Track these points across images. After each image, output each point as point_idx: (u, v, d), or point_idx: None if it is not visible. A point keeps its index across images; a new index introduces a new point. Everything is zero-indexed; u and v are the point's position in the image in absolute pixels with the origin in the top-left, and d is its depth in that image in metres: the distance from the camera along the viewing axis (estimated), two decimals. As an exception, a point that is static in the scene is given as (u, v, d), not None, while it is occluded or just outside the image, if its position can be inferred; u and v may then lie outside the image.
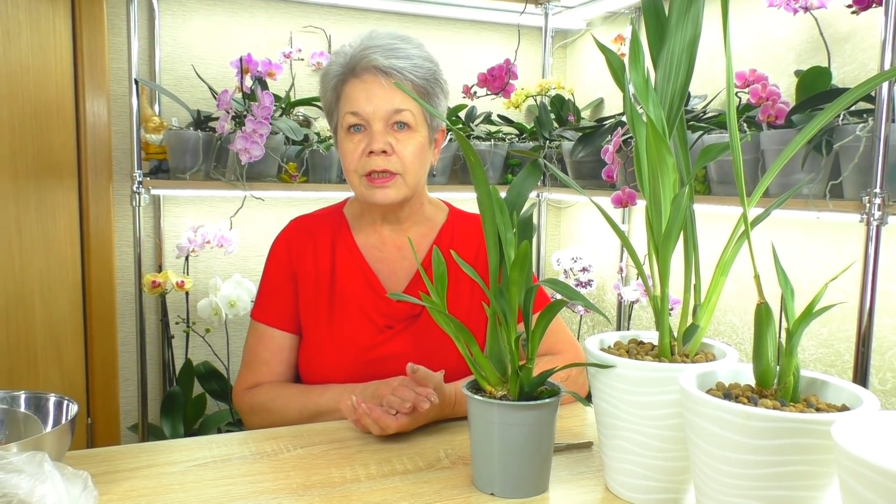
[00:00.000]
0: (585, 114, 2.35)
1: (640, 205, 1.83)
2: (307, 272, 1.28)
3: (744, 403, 0.70)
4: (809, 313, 0.72)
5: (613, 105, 2.32)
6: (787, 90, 1.64)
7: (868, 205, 1.26)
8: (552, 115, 2.24)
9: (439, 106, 1.26)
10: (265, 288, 1.30)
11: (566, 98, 2.27)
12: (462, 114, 2.26)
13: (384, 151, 1.17)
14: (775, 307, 0.72)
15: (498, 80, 2.06)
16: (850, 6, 1.37)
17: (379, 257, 1.28)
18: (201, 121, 1.97)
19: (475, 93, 2.13)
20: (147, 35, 2.08)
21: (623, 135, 1.73)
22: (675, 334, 0.87)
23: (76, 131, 1.97)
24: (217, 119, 1.89)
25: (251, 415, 1.25)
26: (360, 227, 1.30)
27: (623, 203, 1.64)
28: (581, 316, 2.38)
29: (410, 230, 1.29)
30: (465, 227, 1.32)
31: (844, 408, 0.72)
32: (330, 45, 2.26)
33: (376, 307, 1.25)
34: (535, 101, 2.29)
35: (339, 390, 1.16)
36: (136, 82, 1.91)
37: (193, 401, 2.04)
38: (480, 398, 0.87)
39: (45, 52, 1.86)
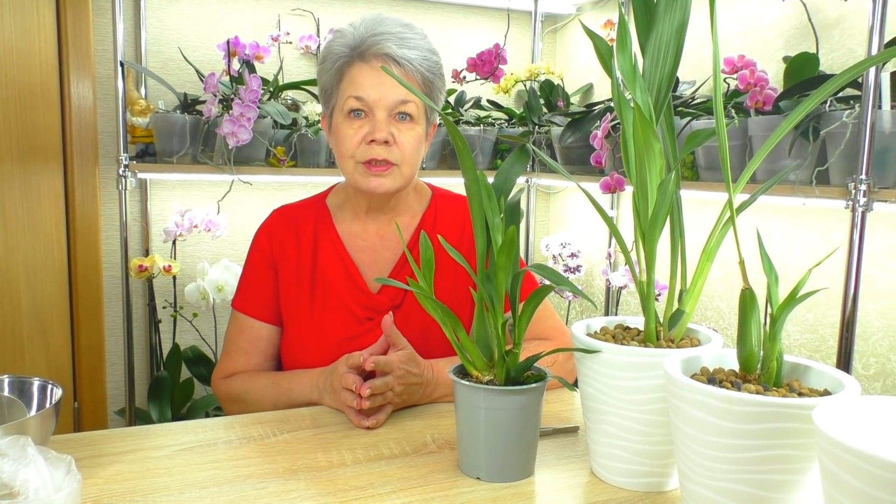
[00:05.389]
0: (575, 99, 2.34)
1: (629, 190, 1.83)
2: (289, 263, 1.27)
3: (727, 388, 0.70)
4: (793, 299, 0.72)
5: (603, 90, 2.31)
6: (775, 76, 1.64)
7: (854, 191, 1.27)
8: (541, 101, 2.23)
9: (440, 99, 1.25)
10: (246, 278, 1.30)
11: (555, 83, 2.27)
12: (451, 98, 2.25)
13: (386, 142, 1.16)
14: (762, 293, 0.72)
15: (487, 64, 2.05)
16: (838, -8, 1.37)
17: (361, 247, 1.28)
18: (188, 104, 1.95)
19: (464, 77, 2.12)
20: (132, 17, 2.06)
21: (612, 120, 1.72)
22: (662, 320, 0.87)
23: (61, 114, 1.95)
24: (204, 102, 1.87)
25: (228, 403, 1.26)
26: (343, 216, 1.30)
27: (611, 189, 1.65)
28: (570, 301, 2.38)
29: (394, 220, 1.29)
30: (447, 210, 1.31)
31: (826, 392, 0.72)
32: (319, 29, 2.24)
33: (357, 299, 1.24)
34: (525, 86, 2.29)
35: (306, 384, 1.16)
36: (122, 65, 1.88)
37: (181, 385, 2.03)
38: (467, 383, 0.87)
39: (29, 33, 1.84)
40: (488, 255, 0.88)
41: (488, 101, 2.35)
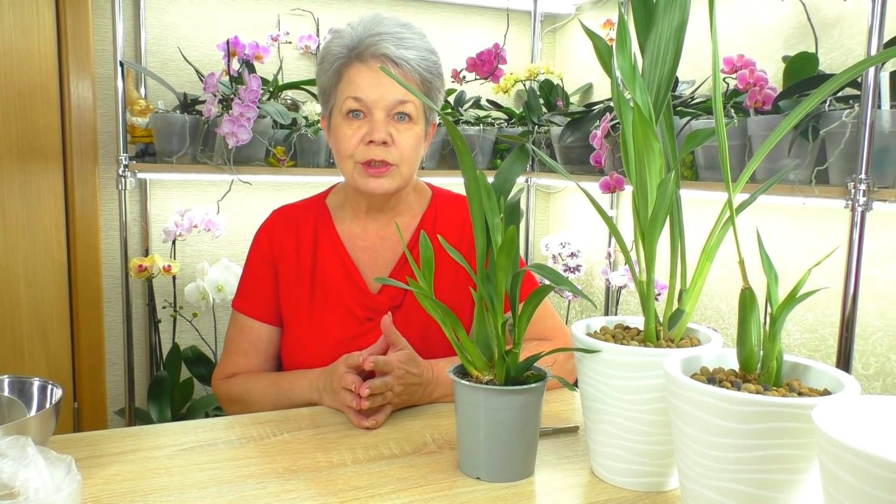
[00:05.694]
0: (574, 99, 2.34)
1: (629, 190, 1.83)
2: (289, 263, 1.27)
3: (727, 388, 0.70)
4: (793, 298, 0.72)
5: (602, 90, 2.31)
6: (774, 76, 1.64)
7: (853, 191, 1.27)
8: (541, 100, 2.23)
9: (439, 99, 1.25)
10: (246, 278, 1.30)
11: (555, 83, 2.27)
12: (451, 98, 2.25)
13: (384, 142, 1.16)
14: (762, 293, 0.72)
15: (487, 64, 2.05)
16: (838, -8, 1.37)
17: (361, 247, 1.28)
18: (188, 104, 1.95)
19: (464, 77, 2.12)
20: (132, 16, 2.06)
21: (611, 120, 1.72)
22: (662, 319, 0.87)
23: (61, 114, 1.95)
24: (204, 102, 1.87)
25: (228, 404, 1.26)
26: (343, 217, 1.29)
27: (611, 188, 1.64)
28: (570, 301, 2.38)
29: (394, 220, 1.29)
30: (447, 210, 1.31)
31: (826, 392, 0.72)
32: (318, 29, 2.24)
33: (357, 300, 1.24)
34: (524, 85, 2.29)
35: (305, 385, 1.16)
36: (122, 65, 1.88)
37: (181, 385, 2.03)
38: (467, 383, 0.87)
39: (28, 33, 1.84)
40: (488, 254, 0.88)
41: (488, 100, 2.35)
